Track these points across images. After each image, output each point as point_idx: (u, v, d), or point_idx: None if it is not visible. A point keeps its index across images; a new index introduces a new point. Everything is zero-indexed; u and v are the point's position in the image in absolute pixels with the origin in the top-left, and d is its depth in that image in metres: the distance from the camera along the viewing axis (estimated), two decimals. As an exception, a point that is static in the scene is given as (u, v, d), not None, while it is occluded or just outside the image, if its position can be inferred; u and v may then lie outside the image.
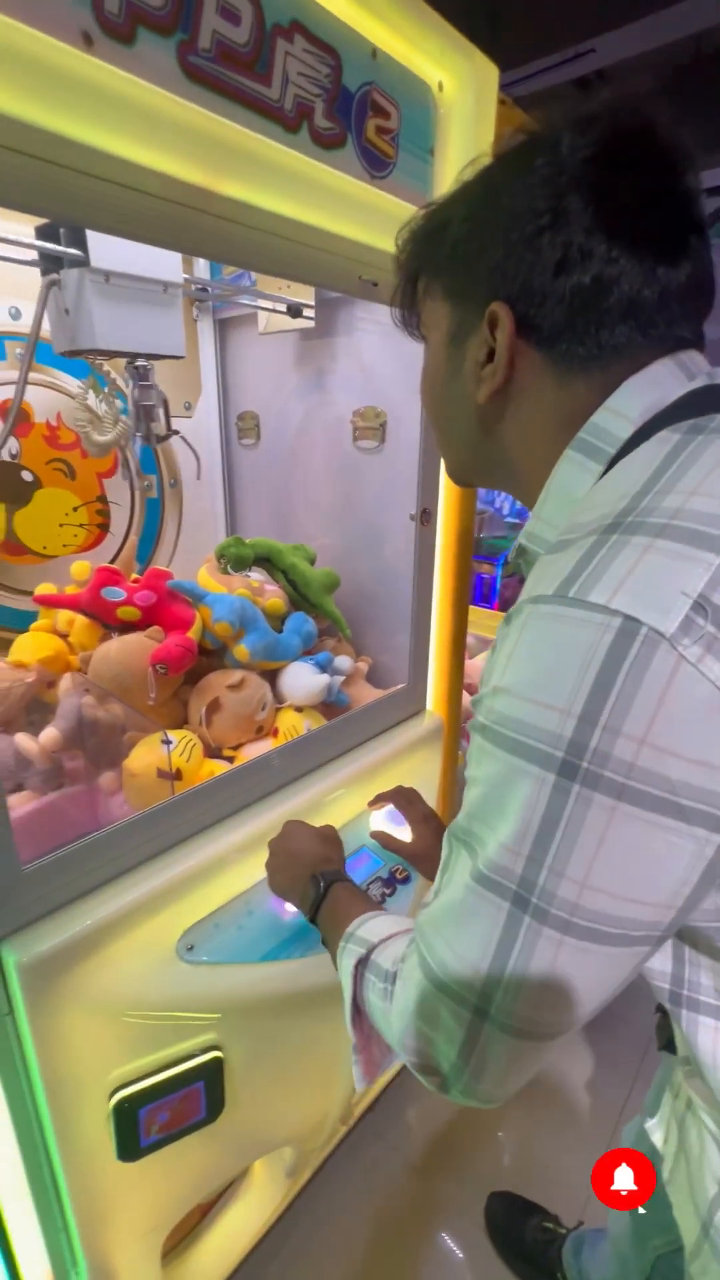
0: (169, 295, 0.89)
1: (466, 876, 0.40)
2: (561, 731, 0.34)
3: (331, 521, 1.30)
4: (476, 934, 0.39)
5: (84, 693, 0.97)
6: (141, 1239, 0.84)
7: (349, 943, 0.55)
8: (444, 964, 0.40)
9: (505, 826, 0.37)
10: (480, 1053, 0.39)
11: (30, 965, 0.63)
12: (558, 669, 0.34)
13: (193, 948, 0.75)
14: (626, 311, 0.41)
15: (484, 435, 0.50)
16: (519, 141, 0.44)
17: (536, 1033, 0.39)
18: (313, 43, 0.65)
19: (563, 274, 0.41)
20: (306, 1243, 1.19)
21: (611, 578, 0.34)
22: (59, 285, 0.84)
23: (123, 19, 0.51)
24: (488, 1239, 1.21)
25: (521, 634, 0.37)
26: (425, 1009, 0.42)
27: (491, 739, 0.38)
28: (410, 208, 0.81)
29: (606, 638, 0.32)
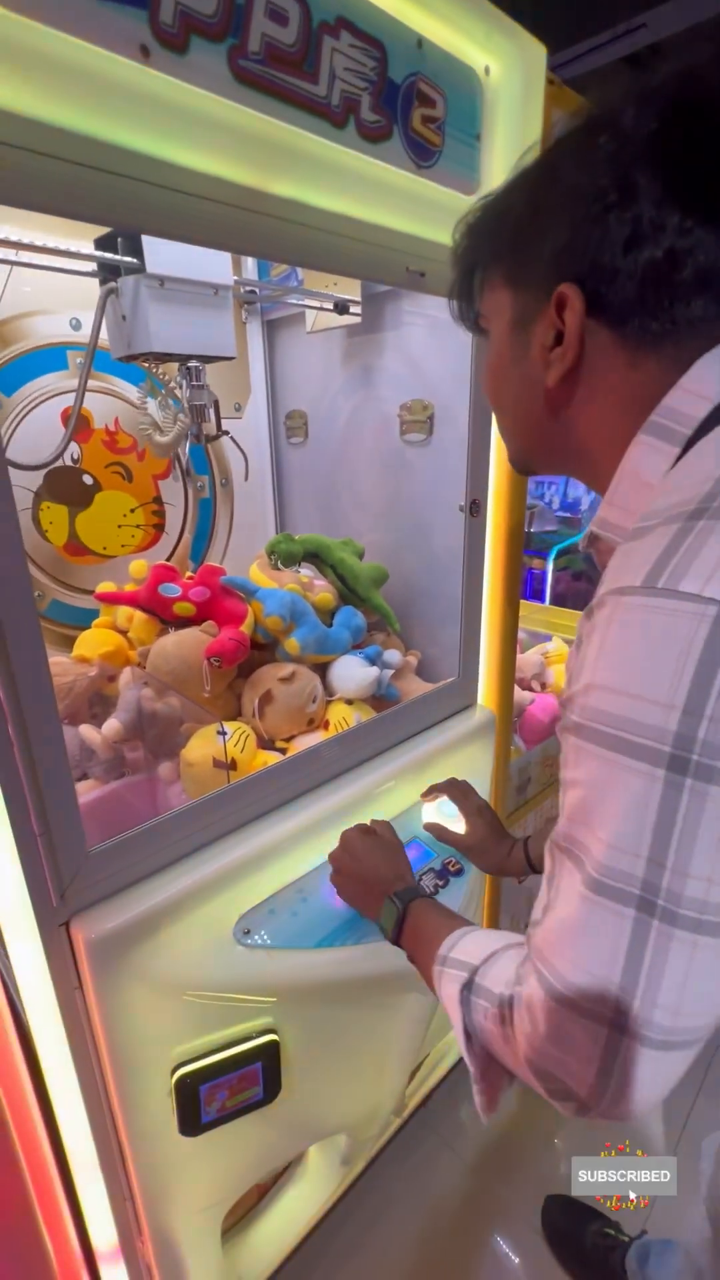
0: (220, 297, 0.92)
1: (579, 886, 0.38)
2: (666, 725, 0.33)
3: (380, 516, 1.31)
4: (604, 945, 0.37)
5: (143, 686, 1.01)
6: (202, 1213, 0.87)
7: (446, 966, 0.52)
8: (570, 982, 0.38)
9: (615, 828, 0.36)
10: (621, 1071, 0.37)
11: (97, 942, 0.66)
12: (655, 661, 0.34)
13: (249, 932, 0.76)
14: (702, 283, 0.40)
15: (553, 420, 0.49)
16: (578, 123, 0.43)
17: (679, 1041, 0.37)
18: (358, 37, 0.65)
19: (633, 249, 0.40)
20: (361, 1235, 1.19)
21: (703, 565, 0.33)
22: (116, 293, 0.87)
23: (177, 29, 0.53)
24: (544, 1242, 1.19)
25: (609, 628, 0.36)
26: (554, 1032, 0.39)
27: (589, 738, 0.37)
28: (456, 195, 0.81)
29: (703, 628, 0.32)
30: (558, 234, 0.43)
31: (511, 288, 0.49)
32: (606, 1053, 0.37)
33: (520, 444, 0.55)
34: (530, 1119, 1.39)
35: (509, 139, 0.83)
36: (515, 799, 1.34)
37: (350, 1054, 0.93)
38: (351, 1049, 0.93)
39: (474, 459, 1.03)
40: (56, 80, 0.48)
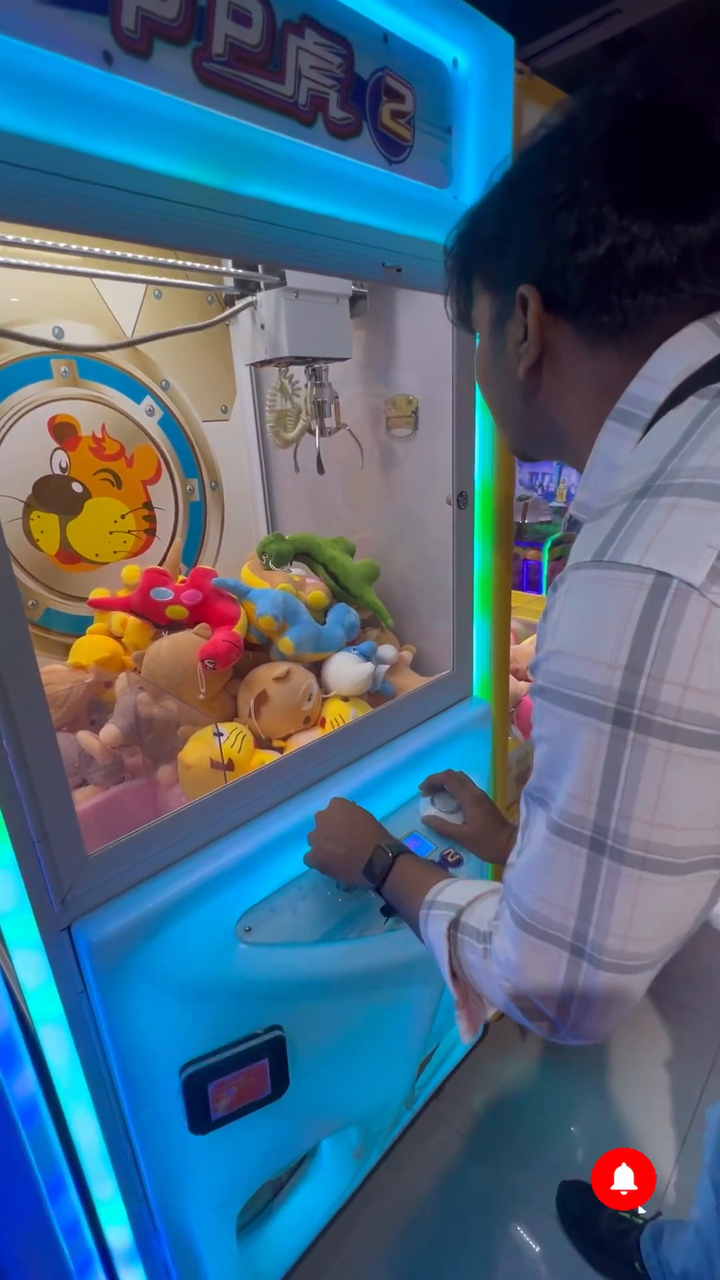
0: (340, 305, 1.04)
1: (544, 829, 0.43)
2: (610, 683, 0.37)
3: (370, 513, 1.31)
4: (562, 881, 0.42)
5: (139, 690, 1.01)
6: (217, 1210, 0.88)
7: (433, 909, 0.58)
8: (535, 912, 0.43)
9: (571, 777, 0.40)
10: (582, 991, 0.42)
11: (100, 945, 0.66)
12: (601, 626, 0.37)
13: (251, 930, 0.77)
14: (646, 277, 0.42)
15: (530, 409, 0.53)
16: (541, 135, 0.46)
17: (630, 966, 0.41)
18: (323, 35, 0.66)
19: (579, 248, 0.43)
20: (377, 1228, 1.20)
21: (642, 538, 0.37)
22: (256, 305, 1.00)
23: (139, 34, 0.53)
24: (560, 1228, 1.19)
25: (566, 599, 0.40)
26: (525, 959, 0.44)
27: (550, 698, 0.41)
28: (428, 188, 0.81)
29: (642, 594, 0.35)
30: (518, 238, 0.47)
31: (490, 291, 0.53)
32: (569, 975, 0.42)
33: (511, 433, 0.60)
34: (542, 1107, 1.40)
35: (480, 130, 0.83)
36: (514, 789, 1.34)
37: (357, 1047, 0.94)
38: (358, 1042, 0.93)
39: (459, 451, 1.03)
40: (18, 89, 0.48)
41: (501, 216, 0.50)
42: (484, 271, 0.53)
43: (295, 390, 1.13)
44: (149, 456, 1.26)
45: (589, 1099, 1.41)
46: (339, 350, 1.05)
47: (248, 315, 1.02)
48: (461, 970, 0.54)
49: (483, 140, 0.83)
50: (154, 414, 1.25)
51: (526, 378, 0.50)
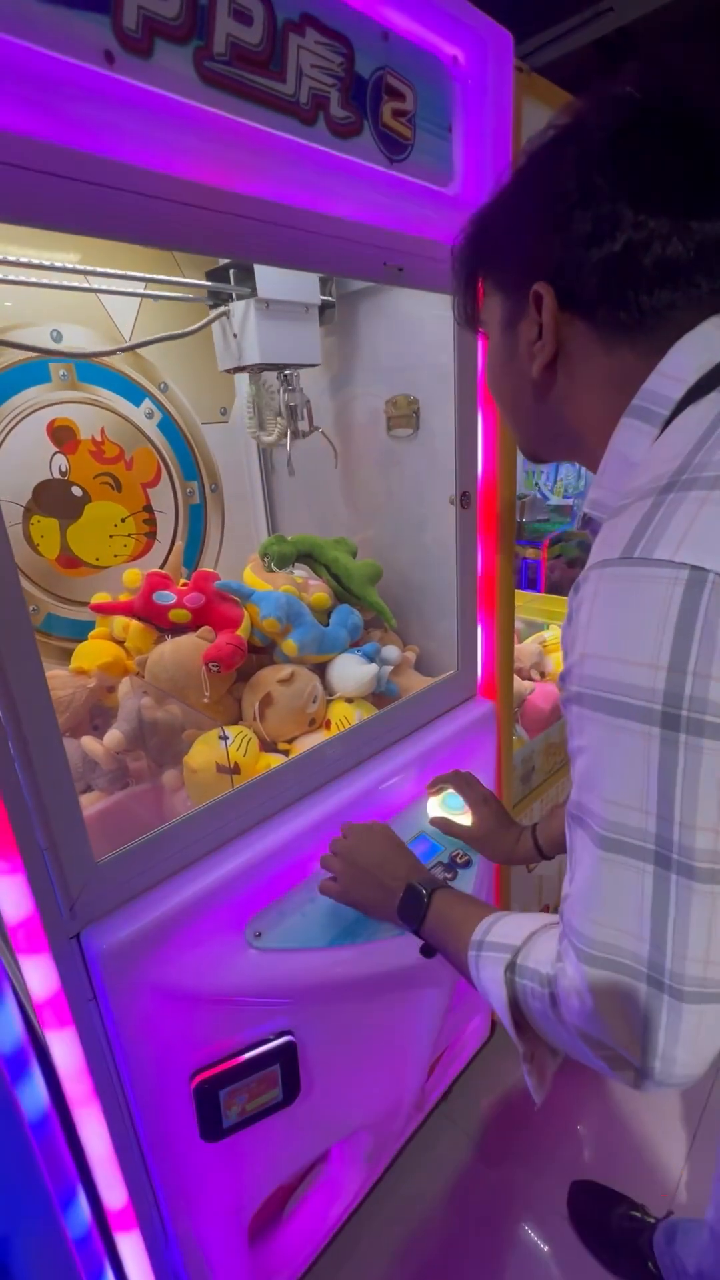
0: (309, 314, 1.07)
1: (593, 847, 0.40)
2: (655, 685, 0.35)
3: (371, 513, 1.31)
4: (627, 903, 0.38)
5: (142, 695, 1.01)
6: (228, 1217, 0.87)
7: (484, 950, 0.53)
8: (601, 942, 0.40)
9: (621, 786, 0.38)
10: (666, 1029, 0.38)
11: (109, 952, 0.66)
12: (639, 626, 0.36)
13: (260, 934, 0.76)
14: (663, 273, 0.42)
15: (544, 409, 0.52)
16: (548, 136, 0.46)
17: (714, 993, 0.38)
18: (324, 33, 0.65)
19: (594, 245, 0.43)
20: (388, 1232, 1.20)
21: (674, 533, 0.36)
22: (228, 315, 1.03)
23: (140, 33, 0.53)
24: (572, 1229, 1.19)
25: (595, 599, 0.39)
26: (598, 999, 0.40)
27: (588, 704, 0.39)
28: (429, 188, 0.81)
29: (678, 590, 0.34)
30: (530, 239, 0.47)
31: (500, 291, 0.52)
32: (648, 1011, 0.38)
33: (524, 434, 0.59)
34: (551, 1107, 1.39)
35: (481, 128, 0.82)
36: (520, 788, 1.34)
37: (368, 1051, 0.93)
38: (369, 1046, 0.93)
39: (462, 451, 1.03)
40: (19, 89, 0.48)
41: (512, 216, 0.49)
42: (494, 272, 0.53)
43: (271, 395, 1.16)
44: (148, 459, 1.25)
45: (597, 1099, 1.40)
46: (308, 357, 1.08)
47: (223, 323, 1.05)
48: (526, 1019, 0.49)
49: (484, 139, 0.83)
50: (153, 417, 1.24)
51: (541, 376, 0.49)
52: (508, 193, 0.50)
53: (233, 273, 0.99)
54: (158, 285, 1.07)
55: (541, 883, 1.47)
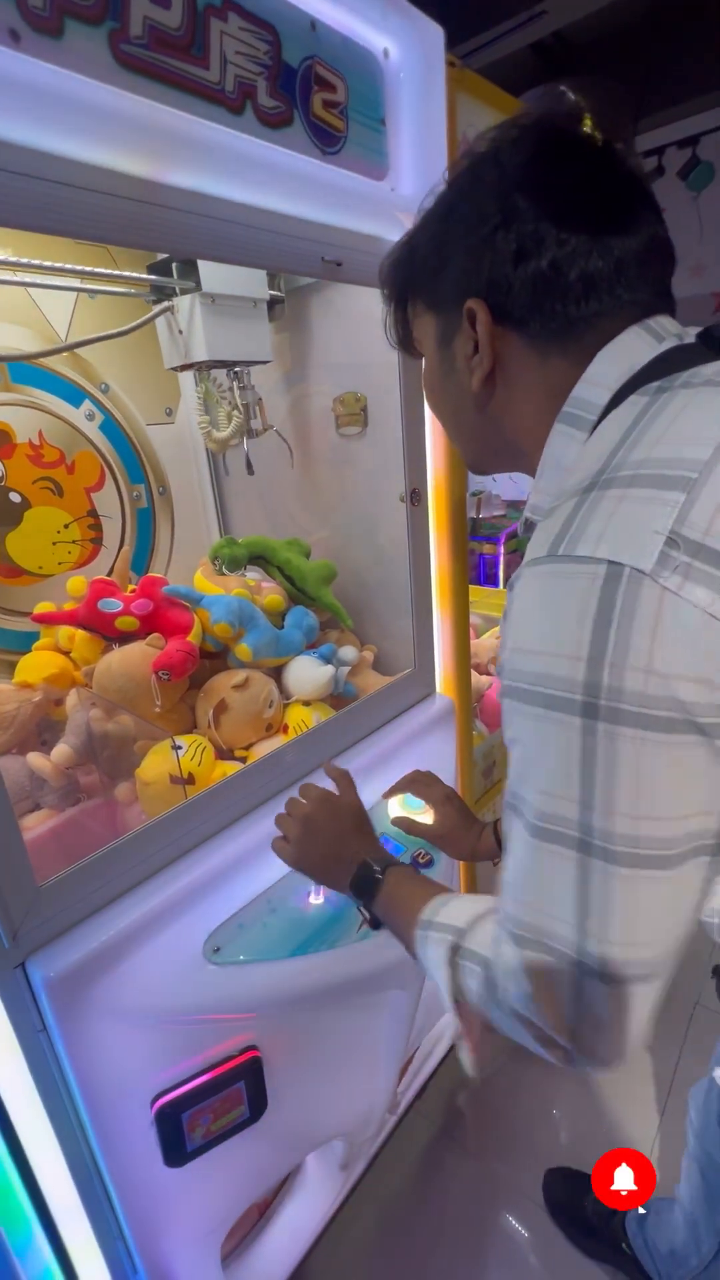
0: (258, 309, 1.04)
1: (526, 835, 0.41)
2: (575, 675, 0.36)
3: (324, 513, 1.29)
4: (554, 888, 0.40)
5: (91, 707, 0.97)
6: (199, 1242, 0.85)
7: (431, 930, 0.54)
8: (531, 925, 0.41)
9: (548, 775, 0.39)
10: (591, 1009, 0.40)
11: (57, 981, 0.63)
12: (561, 619, 0.37)
13: (219, 949, 0.74)
14: (587, 286, 0.44)
15: (485, 421, 0.53)
16: (465, 164, 0.49)
17: (636, 974, 0.39)
18: (248, 20, 0.63)
19: (521, 263, 0.45)
20: (368, 1237, 1.18)
21: (593, 530, 0.37)
22: (173, 311, 0.98)
23: (48, 11, 0.50)
24: (549, 1216, 1.20)
25: (524, 596, 0.40)
26: (529, 981, 0.42)
27: (516, 696, 0.40)
28: (365, 181, 0.80)
29: (596, 584, 0.36)
30: (458, 258, 0.49)
31: (433, 312, 0.54)
32: (574, 991, 0.40)
33: (467, 448, 0.60)
34: (524, 1095, 1.41)
35: (414, 122, 0.82)
36: (482, 783, 1.35)
37: (337, 1059, 0.92)
38: (338, 1054, 0.91)
39: (410, 448, 1.02)
40: None
41: (439, 239, 0.51)
42: (425, 293, 0.54)
43: (222, 393, 1.13)
44: (91, 463, 1.21)
45: (568, 1084, 1.42)
46: (257, 354, 1.06)
47: (168, 319, 1.01)
48: (465, 998, 0.50)
49: (418, 133, 0.83)
50: (94, 418, 1.20)
51: (480, 390, 0.51)
52: (433, 216, 0.52)
53: (175, 266, 0.96)
54: (95, 280, 1.03)
55: (508, 875, 1.48)
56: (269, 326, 1.08)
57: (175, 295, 0.99)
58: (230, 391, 1.12)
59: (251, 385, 1.12)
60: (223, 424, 1.15)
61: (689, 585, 0.34)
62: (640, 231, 0.45)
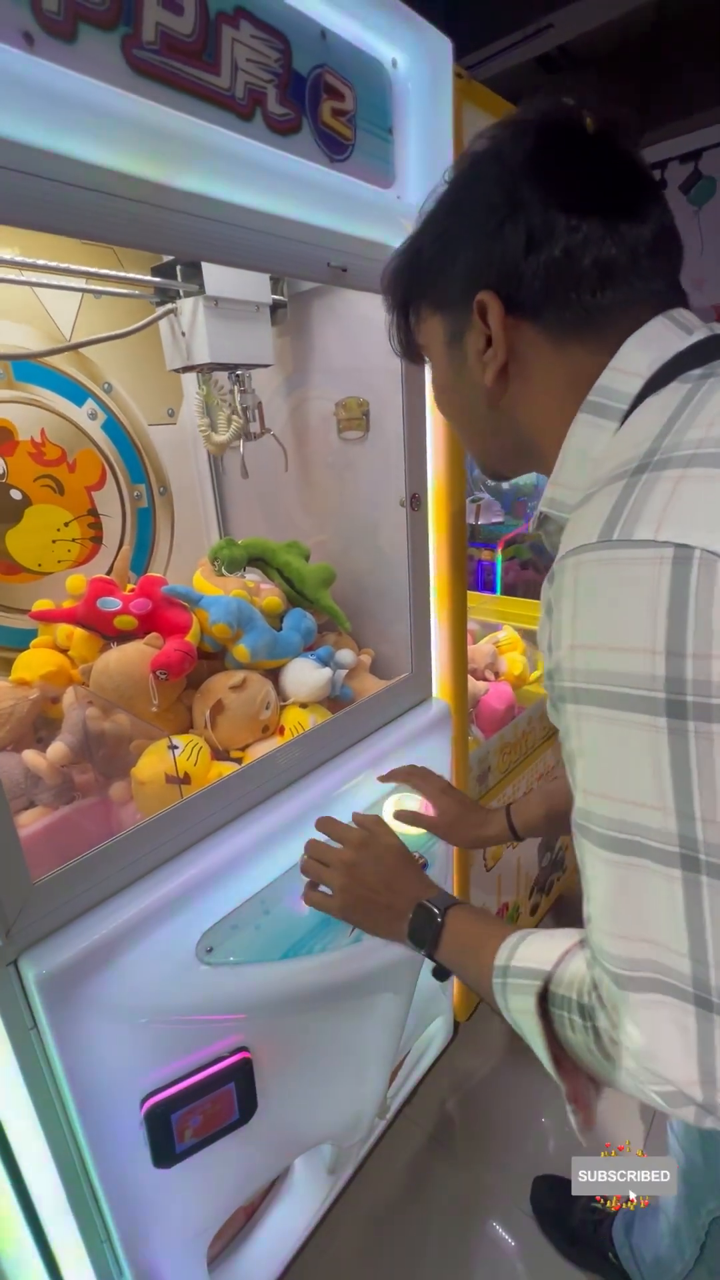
0: (260, 313, 1.05)
1: (612, 856, 0.37)
2: (654, 671, 0.33)
3: (324, 516, 1.30)
4: (658, 913, 0.35)
5: (88, 705, 0.97)
6: (186, 1246, 0.84)
7: (510, 977, 0.48)
8: (636, 960, 0.36)
9: (633, 786, 0.35)
10: None
11: (49, 978, 0.63)
12: (629, 610, 0.34)
13: (212, 950, 0.74)
14: (601, 273, 0.43)
15: (499, 418, 0.52)
16: (467, 161, 0.48)
17: None
18: (259, 28, 0.64)
19: (533, 252, 0.44)
20: (354, 1242, 1.18)
21: (652, 512, 0.34)
22: (176, 313, 1.00)
23: (63, 16, 0.50)
24: (536, 1224, 1.20)
25: (577, 587, 0.37)
26: (645, 1028, 0.37)
27: (586, 699, 0.37)
28: (371, 188, 0.81)
29: (665, 569, 0.33)
30: (467, 253, 0.47)
31: (440, 312, 0.52)
32: (702, 1033, 0.35)
33: (480, 450, 0.58)
34: (513, 1103, 1.40)
35: (421, 131, 0.83)
36: (476, 788, 1.35)
37: (327, 1062, 0.92)
38: (328, 1057, 0.91)
39: (411, 453, 1.03)
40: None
41: (444, 238, 0.50)
42: (431, 293, 0.53)
43: (222, 396, 1.14)
44: (93, 461, 1.21)
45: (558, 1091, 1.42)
46: (259, 357, 1.07)
47: (171, 321, 1.02)
48: (568, 1052, 0.44)
49: (424, 142, 0.84)
50: (96, 418, 1.21)
51: (494, 385, 0.49)
52: (435, 216, 0.51)
53: (179, 269, 0.97)
54: (100, 280, 1.04)
55: (500, 881, 1.48)
56: (271, 330, 1.09)
57: (179, 297, 0.99)
58: (231, 395, 1.12)
59: (252, 389, 1.13)
60: (222, 427, 1.15)
61: None
62: (651, 219, 0.43)
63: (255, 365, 1.09)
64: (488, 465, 0.59)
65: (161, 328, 1.04)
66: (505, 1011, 0.49)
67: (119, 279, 1.03)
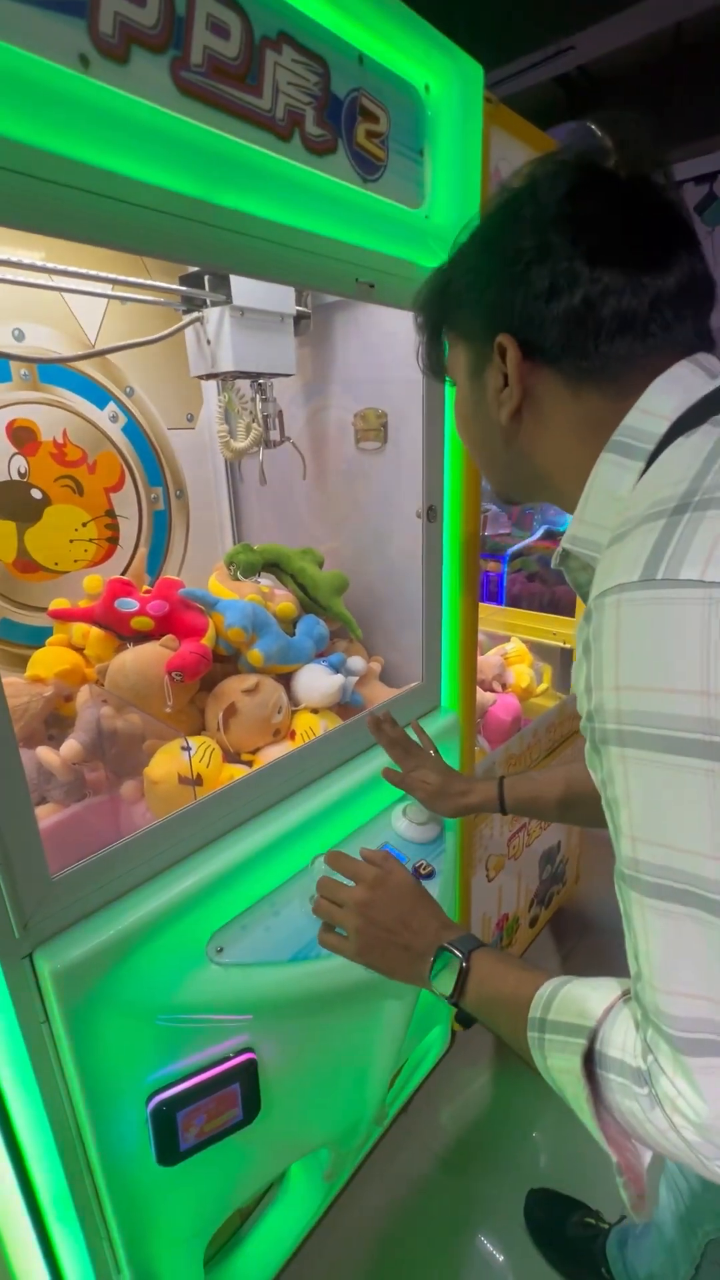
0: (284, 324, 1.08)
1: (665, 906, 0.36)
2: (707, 714, 0.33)
3: (338, 525, 1.31)
4: (707, 962, 0.34)
5: (102, 704, 0.98)
6: (184, 1244, 0.84)
7: (549, 1033, 0.46)
8: (696, 1021, 0.35)
9: (684, 833, 0.34)
10: None
11: (63, 973, 0.64)
12: (677, 651, 0.34)
13: (222, 950, 0.75)
14: (622, 323, 0.44)
15: (513, 453, 0.53)
16: (505, 197, 0.49)
17: None
18: (301, 52, 0.66)
19: (554, 299, 0.45)
20: (348, 1247, 1.18)
21: (698, 552, 0.34)
22: (202, 321, 1.02)
23: (117, 39, 0.52)
24: (529, 1237, 1.20)
25: (620, 626, 0.36)
26: (711, 1096, 0.35)
27: (632, 742, 0.36)
28: (402, 208, 0.83)
29: (714, 610, 0.33)
30: (492, 292, 0.49)
31: (465, 342, 0.54)
32: None
33: (495, 477, 0.60)
34: (507, 1116, 1.40)
35: (450, 154, 0.85)
36: (482, 799, 1.35)
37: (330, 1067, 0.92)
38: (331, 1062, 0.92)
39: (429, 465, 1.04)
40: (-7, 88, 0.47)
41: (473, 273, 0.51)
42: (458, 324, 0.55)
43: (243, 403, 1.16)
44: (112, 463, 1.23)
45: (553, 1105, 1.41)
46: (282, 366, 1.09)
47: (197, 329, 1.05)
48: (617, 1119, 0.42)
49: (453, 164, 0.86)
50: (117, 420, 1.22)
51: (509, 423, 0.51)
52: (468, 250, 0.52)
53: (207, 279, 0.99)
54: (128, 287, 1.06)
55: (501, 892, 1.49)
56: (294, 341, 1.12)
57: (206, 306, 1.02)
58: (252, 402, 1.14)
59: (273, 398, 1.15)
60: (241, 434, 1.17)
61: None
62: (677, 269, 0.44)
63: (278, 374, 1.11)
64: (501, 493, 0.61)
65: (187, 335, 1.06)
66: (544, 1070, 0.46)
67: (146, 287, 1.05)
